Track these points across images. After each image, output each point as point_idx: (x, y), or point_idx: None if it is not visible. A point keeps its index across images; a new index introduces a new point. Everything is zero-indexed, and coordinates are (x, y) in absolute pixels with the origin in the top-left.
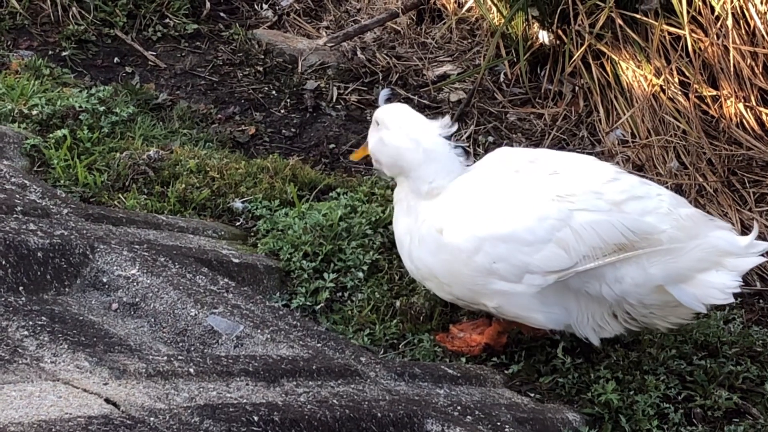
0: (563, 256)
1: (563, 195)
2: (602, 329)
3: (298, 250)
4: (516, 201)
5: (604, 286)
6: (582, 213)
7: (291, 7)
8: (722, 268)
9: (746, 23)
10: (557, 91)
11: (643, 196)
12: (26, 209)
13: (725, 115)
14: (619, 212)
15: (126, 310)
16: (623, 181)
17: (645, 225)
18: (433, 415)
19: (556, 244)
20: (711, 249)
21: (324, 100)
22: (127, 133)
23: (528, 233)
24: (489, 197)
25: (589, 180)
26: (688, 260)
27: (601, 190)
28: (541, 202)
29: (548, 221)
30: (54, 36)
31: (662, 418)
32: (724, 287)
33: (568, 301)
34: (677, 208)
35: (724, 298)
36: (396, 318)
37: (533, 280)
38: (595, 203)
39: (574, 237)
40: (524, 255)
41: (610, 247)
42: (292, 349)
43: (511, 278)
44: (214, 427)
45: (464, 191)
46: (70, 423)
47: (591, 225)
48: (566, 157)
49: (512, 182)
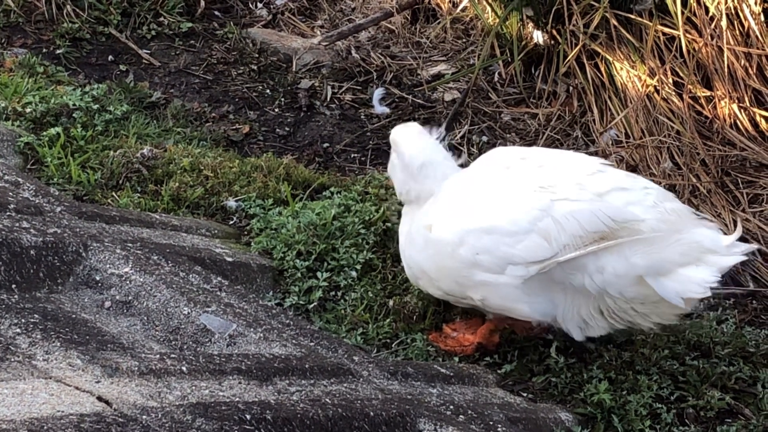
0: (544, 246)
1: (546, 186)
2: (588, 326)
3: (292, 249)
4: (500, 194)
5: (587, 277)
6: (563, 203)
7: (285, 6)
8: (702, 264)
9: (740, 24)
10: (551, 91)
11: (628, 188)
12: (19, 207)
13: (719, 116)
14: (600, 201)
15: (119, 309)
16: (608, 174)
17: (625, 213)
18: (425, 415)
19: (538, 234)
20: (693, 244)
21: (318, 99)
22: (121, 132)
23: (510, 224)
24: (477, 192)
25: (573, 172)
26: (669, 253)
27: (584, 181)
28: (524, 194)
29: (530, 212)
30: (48, 34)
31: (655, 418)
32: (702, 281)
33: (554, 293)
34: (663, 202)
35: (702, 292)
36: (389, 317)
37: (516, 271)
38: (577, 193)
39: (555, 226)
40: (507, 246)
41: (591, 236)
42: (285, 348)
43: (494, 269)
44: (207, 426)
45: (454, 190)
46: (62, 421)
47: (572, 214)
48: (557, 154)
49: (501, 177)
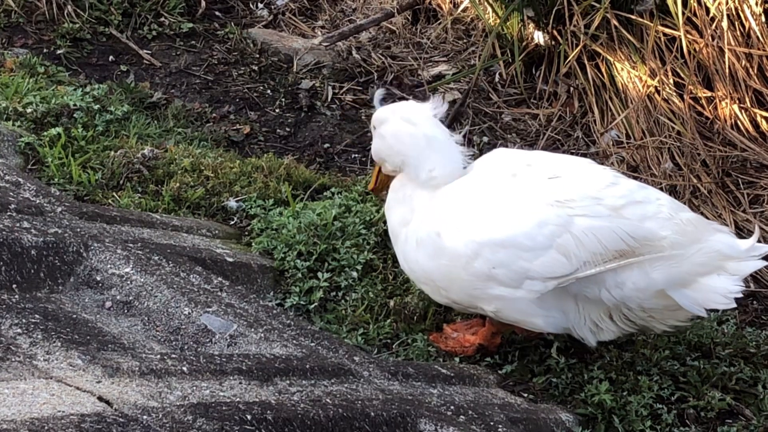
0: (564, 263)
1: (562, 200)
2: (600, 330)
3: (292, 250)
4: (515, 206)
5: (604, 291)
6: (582, 219)
7: (286, 7)
8: (724, 272)
9: (741, 25)
10: (552, 91)
11: (642, 201)
12: (20, 207)
13: (720, 117)
14: (619, 218)
15: (119, 309)
16: (622, 186)
17: (645, 231)
18: (426, 415)
19: (557, 251)
20: (713, 253)
21: (319, 100)
22: (122, 132)
23: (527, 239)
24: (487, 201)
25: (587, 184)
26: (690, 265)
27: (600, 195)
28: (540, 208)
29: (548, 227)
30: (49, 34)
31: (655, 418)
32: (726, 292)
33: (566, 304)
34: (677, 213)
35: (727, 303)
36: (390, 318)
37: (533, 285)
38: (595, 209)
39: (574, 243)
40: (524, 261)
41: (611, 253)
42: (285, 348)
43: (510, 284)
44: (207, 426)
45: (462, 194)
46: (62, 421)
47: (591, 231)
48: (563, 160)
49: (510, 186)
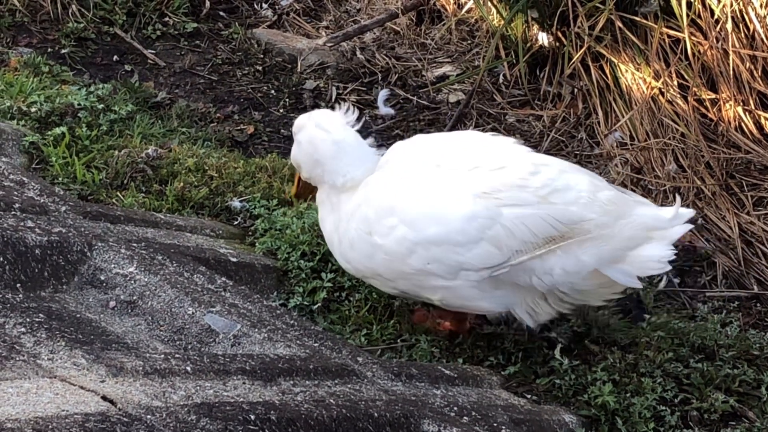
0: (496, 253)
1: (489, 191)
2: (536, 313)
3: (296, 250)
4: (443, 200)
5: (535, 278)
6: (510, 209)
7: (291, 7)
8: (653, 241)
9: (746, 27)
10: (556, 93)
11: (563, 189)
12: (24, 206)
13: (724, 119)
14: (546, 204)
15: (123, 308)
16: (543, 174)
17: (572, 214)
18: (429, 416)
19: (488, 242)
20: (639, 226)
21: (323, 100)
22: (126, 131)
23: (459, 234)
24: (414, 196)
25: (510, 173)
26: (618, 241)
27: (524, 183)
28: (468, 201)
29: (477, 220)
30: (53, 33)
31: (659, 420)
32: (659, 258)
33: (504, 288)
34: (596, 194)
35: (661, 268)
36: (393, 318)
37: (468, 276)
38: (522, 197)
39: (505, 233)
40: (457, 255)
41: (541, 239)
42: (289, 349)
43: (447, 276)
44: (211, 426)
45: (386, 188)
46: (66, 420)
47: (521, 220)
48: (483, 144)
49: (435, 179)
